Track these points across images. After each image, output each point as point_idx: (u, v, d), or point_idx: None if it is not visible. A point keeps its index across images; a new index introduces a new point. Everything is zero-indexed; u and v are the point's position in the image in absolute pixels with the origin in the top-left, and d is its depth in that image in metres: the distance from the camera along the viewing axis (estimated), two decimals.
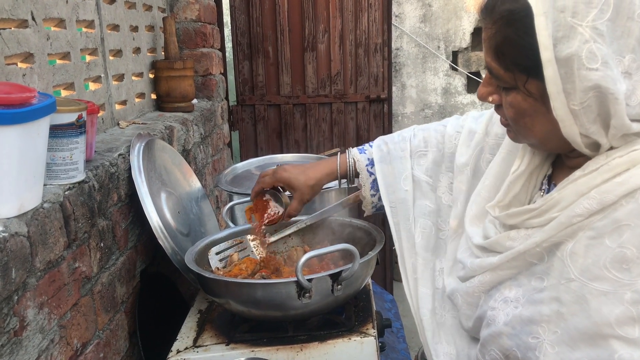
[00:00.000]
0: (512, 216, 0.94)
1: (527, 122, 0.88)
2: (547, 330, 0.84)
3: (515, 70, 0.84)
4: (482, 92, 0.94)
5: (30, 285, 0.99)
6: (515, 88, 0.86)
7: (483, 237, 1.00)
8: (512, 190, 0.98)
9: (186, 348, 1.34)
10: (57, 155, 1.13)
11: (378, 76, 3.60)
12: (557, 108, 0.81)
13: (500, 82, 0.89)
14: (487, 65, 0.90)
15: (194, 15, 2.54)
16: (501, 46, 0.85)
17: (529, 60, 0.81)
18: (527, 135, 0.91)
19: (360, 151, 1.40)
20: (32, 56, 1.33)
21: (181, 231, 1.61)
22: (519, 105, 0.87)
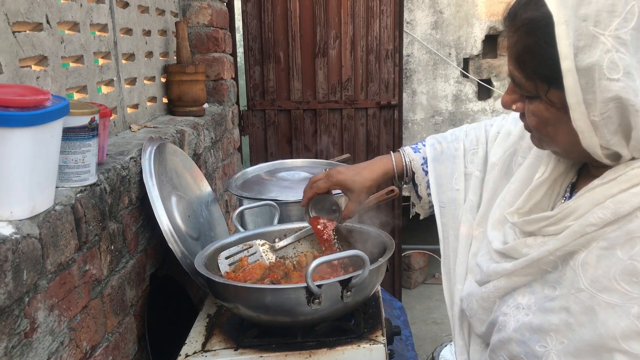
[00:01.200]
0: (530, 223, 0.93)
1: (549, 131, 0.88)
2: (555, 340, 0.83)
3: (537, 79, 0.84)
4: (505, 100, 0.94)
5: (41, 287, 0.99)
6: (538, 97, 0.85)
7: (502, 242, 1.00)
8: (534, 198, 0.97)
9: (195, 352, 1.34)
10: (70, 158, 1.14)
11: (389, 82, 3.59)
12: (576, 119, 0.80)
13: (523, 91, 0.88)
14: (509, 73, 0.90)
15: (206, 20, 2.56)
16: (522, 55, 0.84)
17: (550, 69, 0.80)
18: (550, 143, 0.91)
19: (415, 150, 1.37)
20: (46, 59, 1.34)
21: (191, 235, 1.61)
22: (541, 115, 0.86)
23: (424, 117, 4.81)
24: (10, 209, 0.92)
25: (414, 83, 4.75)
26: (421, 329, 4.15)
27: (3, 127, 0.88)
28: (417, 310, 4.46)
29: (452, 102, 4.82)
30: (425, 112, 4.81)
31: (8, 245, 0.87)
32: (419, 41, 4.68)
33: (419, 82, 4.76)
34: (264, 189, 1.84)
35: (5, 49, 1.17)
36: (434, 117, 4.82)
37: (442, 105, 4.81)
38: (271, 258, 1.56)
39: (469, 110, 4.84)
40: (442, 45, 4.72)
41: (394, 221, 3.78)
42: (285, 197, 1.74)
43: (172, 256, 1.49)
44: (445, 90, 4.80)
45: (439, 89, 4.79)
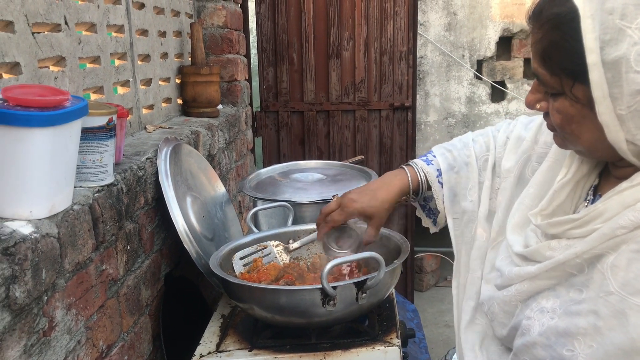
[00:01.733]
0: (554, 225, 0.92)
1: (574, 129, 0.87)
2: (583, 343, 0.82)
3: (562, 74, 0.83)
4: (529, 99, 0.93)
5: (59, 286, 1.00)
6: (562, 94, 0.85)
7: (524, 245, 0.99)
8: (557, 199, 0.96)
9: (209, 353, 1.34)
10: (87, 158, 1.14)
11: (402, 84, 3.59)
12: (602, 113, 0.80)
13: (547, 88, 0.88)
14: (534, 71, 0.89)
15: (220, 21, 2.56)
16: (548, 50, 0.84)
17: (575, 64, 0.80)
18: (574, 142, 0.90)
19: (427, 162, 1.32)
20: (64, 60, 1.35)
21: (205, 235, 1.61)
22: (566, 112, 0.86)
23: (437, 119, 4.80)
24: (30, 208, 0.93)
25: (427, 85, 4.74)
26: (433, 332, 4.13)
27: (23, 127, 0.88)
28: (429, 313, 4.44)
29: (465, 104, 4.80)
30: (439, 114, 4.80)
31: (27, 244, 0.88)
32: (432, 43, 4.67)
33: (432, 84, 4.74)
34: (277, 190, 1.85)
35: (25, 49, 1.18)
36: (447, 119, 4.80)
37: (455, 107, 4.79)
38: (285, 259, 1.56)
39: (482, 112, 4.82)
40: (455, 47, 4.71)
41: (407, 223, 3.77)
42: (299, 198, 1.74)
43: (187, 256, 1.50)
44: (459, 92, 4.78)
45: (452, 90, 4.77)
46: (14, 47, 1.15)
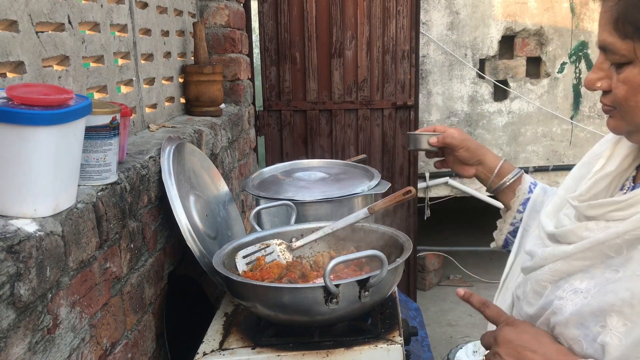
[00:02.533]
0: (595, 207, 0.92)
1: (639, 100, 0.85)
2: (617, 320, 0.82)
3: (636, 38, 0.82)
4: (590, 77, 0.92)
5: (63, 284, 1.00)
6: (631, 62, 0.84)
7: (556, 227, 1.00)
8: (596, 188, 0.96)
9: (212, 351, 1.34)
10: (91, 157, 1.15)
11: (405, 83, 3.59)
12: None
13: (615, 57, 0.86)
14: (600, 45, 0.88)
15: (223, 20, 2.57)
16: (623, 14, 0.83)
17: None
18: (635, 116, 0.87)
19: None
20: (68, 59, 1.36)
21: (209, 234, 1.62)
22: (634, 80, 0.85)
23: (439, 118, 4.80)
24: (34, 207, 0.94)
25: (429, 84, 4.74)
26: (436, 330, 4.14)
27: (28, 125, 0.89)
28: (432, 312, 4.45)
29: (467, 103, 4.80)
30: (441, 113, 4.79)
31: (32, 242, 0.89)
32: (434, 42, 4.66)
33: (435, 83, 4.74)
34: (280, 188, 1.85)
35: (29, 48, 1.19)
36: (449, 118, 4.80)
37: (457, 106, 4.79)
38: (288, 258, 1.57)
39: (485, 111, 4.82)
40: (458, 46, 4.71)
41: (409, 222, 3.77)
42: (302, 197, 1.75)
43: (190, 255, 1.50)
44: (461, 91, 4.78)
45: (454, 89, 4.77)
46: (18, 47, 1.15)
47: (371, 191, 1.79)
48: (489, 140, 4.83)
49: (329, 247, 1.63)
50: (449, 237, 5.58)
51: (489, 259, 5.30)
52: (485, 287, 4.83)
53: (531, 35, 4.75)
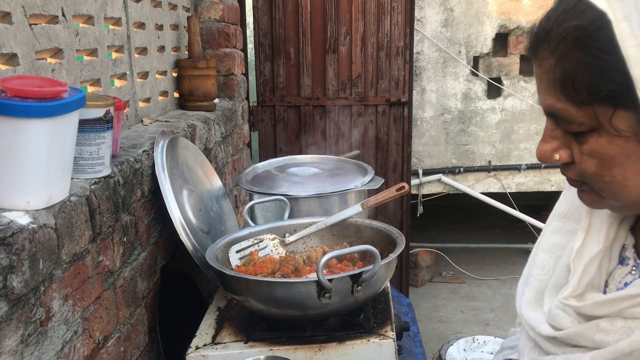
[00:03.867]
0: (604, 305, 0.73)
1: (616, 174, 0.68)
2: None
3: (595, 103, 0.65)
4: (544, 149, 0.72)
5: (56, 277, 1.00)
6: (595, 130, 0.67)
7: (553, 327, 0.81)
8: (587, 276, 0.78)
9: (205, 345, 1.35)
10: (85, 150, 1.15)
11: (399, 79, 3.59)
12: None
13: (572, 127, 0.69)
14: (547, 110, 0.71)
15: (217, 15, 2.56)
16: (570, 76, 0.65)
17: (613, 83, 0.63)
18: (616, 192, 0.70)
19: None
20: (61, 52, 1.35)
21: (202, 229, 1.62)
22: (603, 153, 0.67)
23: (433, 115, 4.81)
24: (27, 199, 0.93)
25: (423, 81, 4.74)
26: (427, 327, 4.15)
27: (21, 117, 0.89)
28: (424, 308, 4.46)
29: (461, 100, 4.81)
30: (435, 110, 4.80)
31: (25, 234, 0.89)
32: (429, 39, 4.67)
33: (429, 79, 4.75)
34: (274, 184, 1.85)
35: (22, 40, 1.18)
36: (443, 115, 4.81)
37: (451, 104, 4.80)
38: (281, 252, 1.57)
39: (478, 108, 4.83)
40: (452, 43, 4.71)
41: (402, 218, 3.78)
42: (296, 192, 1.75)
43: (183, 249, 1.51)
44: (455, 88, 4.79)
45: (448, 87, 4.78)
46: (11, 38, 1.15)
47: (365, 187, 1.80)
48: (482, 138, 4.85)
49: (322, 242, 1.64)
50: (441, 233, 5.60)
51: (481, 256, 5.32)
52: (477, 284, 4.86)
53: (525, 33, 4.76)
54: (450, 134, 4.84)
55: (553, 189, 4.86)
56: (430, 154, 4.84)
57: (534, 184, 4.88)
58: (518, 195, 4.91)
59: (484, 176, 4.90)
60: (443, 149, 4.86)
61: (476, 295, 4.68)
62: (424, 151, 4.82)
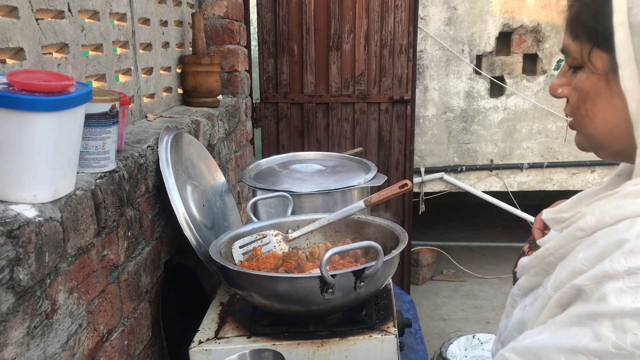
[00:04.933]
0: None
1: (587, 107, 0.79)
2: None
3: (583, 37, 0.77)
4: (553, 83, 0.86)
5: (61, 270, 1.01)
6: (582, 67, 0.79)
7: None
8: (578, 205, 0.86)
9: (208, 339, 1.36)
10: (90, 144, 1.15)
11: (402, 77, 3.59)
12: (626, 78, 0.73)
13: (569, 60, 0.81)
14: (562, 49, 0.83)
15: (221, 11, 2.57)
16: (576, 14, 0.79)
17: (599, 24, 0.74)
18: (587, 126, 0.80)
19: None
20: (67, 46, 1.36)
21: (205, 224, 1.63)
22: (582, 87, 0.79)
23: (435, 113, 4.81)
24: (34, 192, 0.94)
25: (426, 79, 4.74)
26: (428, 324, 4.16)
27: (28, 111, 0.89)
28: (425, 306, 4.47)
29: (464, 98, 4.81)
30: (437, 109, 4.80)
31: (31, 227, 0.89)
32: (432, 37, 4.67)
33: (432, 78, 4.75)
34: (277, 180, 1.86)
35: (29, 35, 1.19)
36: (445, 114, 4.81)
37: (454, 102, 4.80)
38: (284, 248, 1.58)
39: (481, 107, 4.83)
40: (455, 42, 4.71)
41: (404, 216, 3.79)
42: (299, 188, 1.75)
43: (186, 244, 1.51)
44: (458, 86, 4.78)
45: (451, 85, 4.78)
46: (18, 33, 1.15)
47: (367, 184, 1.80)
48: (484, 136, 4.85)
49: (325, 238, 1.64)
50: (443, 232, 5.60)
51: (482, 255, 5.32)
52: (478, 282, 4.86)
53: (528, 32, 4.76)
54: (452, 133, 4.84)
55: (555, 189, 4.86)
56: (432, 152, 4.85)
57: (535, 183, 4.88)
58: (520, 194, 4.91)
59: (486, 175, 4.90)
60: (445, 148, 4.86)
61: (477, 293, 4.69)
62: (426, 149, 4.82)
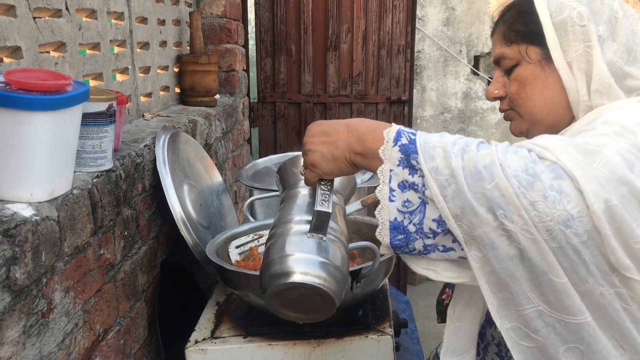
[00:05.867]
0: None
1: (527, 91, 1.01)
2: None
3: (519, 40, 1.01)
4: (490, 89, 1.08)
5: (58, 269, 1.01)
6: (518, 64, 1.02)
7: None
8: None
9: (204, 339, 1.35)
10: (87, 143, 1.15)
11: (400, 78, 3.60)
12: (557, 58, 0.97)
13: (506, 62, 1.03)
14: (495, 59, 1.06)
15: (219, 11, 2.57)
16: (508, 24, 1.03)
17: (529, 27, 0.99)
18: (528, 105, 1.02)
19: None
20: (65, 45, 1.36)
21: (202, 224, 1.62)
22: (521, 75, 1.01)
23: (433, 114, 4.81)
24: (31, 191, 0.94)
25: (423, 79, 4.75)
26: (425, 325, 4.16)
27: (25, 110, 0.89)
28: (421, 306, 4.47)
29: (461, 99, 4.82)
30: (435, 109, 4.81)
31: (28, 226, 0.89)
32: (430, 37, 4.67)
33: (429, 78, 4.75)
34: (274, 180, 1.85)
35: (26, 34, 1.19)
36: (443, 114, 4.82)
37: (451, 103, 4.81)
38: None
39: (479, 108, 4.84)
40: (453, 42, 4.72)
41: None
42: None
43: (182, 244, 1.51)
44: (455, 87, 4.79)
45: (448, 86, 4.79)
46: (15, 32, 1.15)
47: (364, 184, 1.80)
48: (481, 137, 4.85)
49: None
50: None
51: None
52: None
53: None
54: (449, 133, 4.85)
55: None
56: None
57: None
58: None
59: None
60: None
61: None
62: None
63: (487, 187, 0.77)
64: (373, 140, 0.88)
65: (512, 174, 0.77)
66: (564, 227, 0.76)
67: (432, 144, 0.83)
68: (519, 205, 0.76)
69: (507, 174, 0.77)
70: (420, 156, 0.82)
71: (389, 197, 0.86)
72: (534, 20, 0.99)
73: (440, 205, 0.81)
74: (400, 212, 0.85)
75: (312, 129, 0.95)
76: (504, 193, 0.77)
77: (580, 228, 0.76)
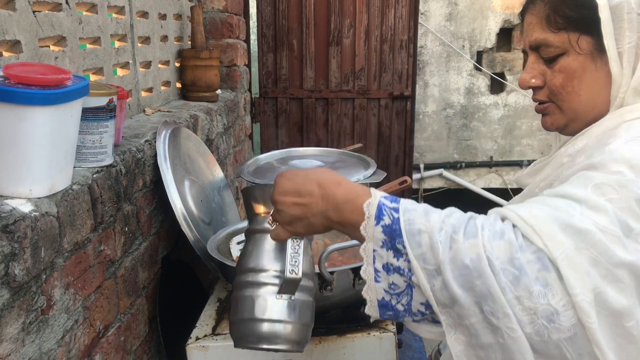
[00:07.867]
0: (531, 174, 1.05)
1: (575, 84, 0.93)
2: None
3: (569, 27, 0.91)
4: (524, 77, 0.98)
5: (57, 266, 1.00)
6: (564, 53, 0.93)
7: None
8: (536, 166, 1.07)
9: (205, 335, 1.35)
10: (87, 138, 1.14)
11: (402, 73, 3.58)
12: (610, 47, 0.89)
13: (550, 50, 0.94)
14: (532, 44, 0.96)
15: (221, 5, 2.55)
16: (554, 10, 0.92)
17: (582, 13, 0.90)
18: (573, 101, 0.94)
19: None
20: (65, 39, 1.34)
21: (203, 220, 1.61)
22: (569, 67, 0.93)
23: (435, 110, 4.80)
24: (30, 187, 0.93)
25: (426, 75, 4.73)
26: None
27: (25, 105, 0.88)
28: None
29: (464, 95, 4.80)
30: (437, 105, 4.79)
31: (27, 222, 0.88)
32: (432, 32, 4.65)
33: (432, 74, 4.74)
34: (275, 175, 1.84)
35: (26, 27, 1.18)
36: (445, 110, 4.80)
37: (454, 98, 4.79)
38: None
39: (481, 103, 4.82)
40: (455, 38, 4.69)
41: None
42: None
43: (184, 240, 1.50)
44: (458, 83, 4.77)
45: (451, 81, 4.77)
46: (14, 25, 1.14)
47: (367, 180, 1.79)
48: (484, 133, 4.84)
49: (323, 235, 1.63)
50: None
51: None
52: None
53: None
54: (452, 129, 4.83)
55: None
56: (432, 148, 4.84)
57: None
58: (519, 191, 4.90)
59: (485, 171, 4.90)
60: (445, 144, 4.85)
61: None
62: (425, 145, 4.81)
63: (475, 282, 0.75)
64: (352, 212, 0.83)
65: (499, 268, 0.74)
66: (547, 322, 0.73)
67: (417, 227, 0.78)
68: (504, 302, 0.74)
69: (494, 268, 0.74)
70: (405, 241, 0.78)
71: (374, 277, 0.83)
72: (585, 5, 0.89)
73: (427, 293, 0.79)
74: (387, 292, 0.83)
75: (283, 185, 0.89)
76: (491, 290, 0.74)
77: (566, 322, 0.73)
